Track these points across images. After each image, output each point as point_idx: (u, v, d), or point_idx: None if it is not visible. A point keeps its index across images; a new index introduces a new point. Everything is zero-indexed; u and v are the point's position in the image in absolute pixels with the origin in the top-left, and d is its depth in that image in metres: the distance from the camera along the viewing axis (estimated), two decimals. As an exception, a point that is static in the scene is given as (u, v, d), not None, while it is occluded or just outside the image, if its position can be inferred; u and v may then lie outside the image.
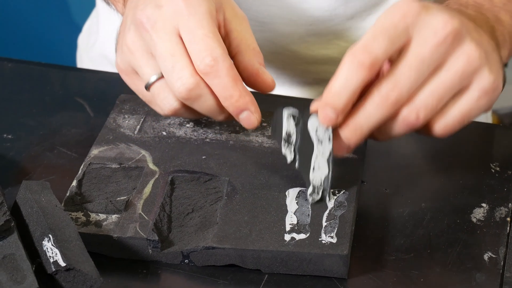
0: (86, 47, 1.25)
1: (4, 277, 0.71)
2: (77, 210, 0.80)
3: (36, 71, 1.04)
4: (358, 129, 0.77)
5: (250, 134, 0.89)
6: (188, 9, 0.81)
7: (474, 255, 0.79)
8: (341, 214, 0.79)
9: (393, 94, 0.76)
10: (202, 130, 0.89)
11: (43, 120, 0.94)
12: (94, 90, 1.00)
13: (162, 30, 0.81)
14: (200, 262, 0.77)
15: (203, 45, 0.79)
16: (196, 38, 0.79)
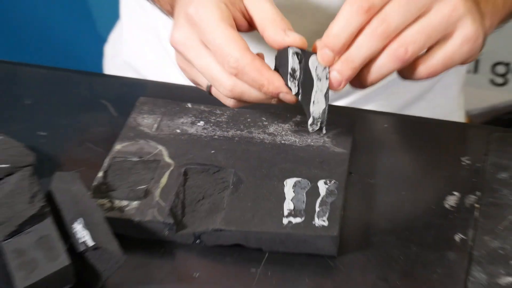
0: (111, 55, 1.25)
1: (41, 255, 0.71)
2: (103, 197, 0.80)
3: (66, 77, 1.04)
4: (350, 61, 0.76)
5: (253, 132, 0.89)
6: (201, 22, 0.79)
7: (447, 236, 0.79)
8: (331, 201, 0.79)
9: (381, 26, 0.75)
10: (211, 128, 0.90)
11: (73, 119, 0.94)
12: (117, 94, 1.00)
13: (191, 48, 0.80)
14: (209, 242, 0.77)
15: (223, 52, 0.78)
16: (215, 48, 0.78)
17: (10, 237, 0.74)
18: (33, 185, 0.77)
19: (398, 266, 0.76)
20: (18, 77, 1.04)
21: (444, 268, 0.76)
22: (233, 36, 0.78)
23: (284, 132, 0.89)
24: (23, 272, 0.71)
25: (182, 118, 0.91)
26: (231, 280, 0.75)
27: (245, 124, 0.90)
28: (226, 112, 0.92)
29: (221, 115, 0.92)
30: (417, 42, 0.76)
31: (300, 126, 0.89)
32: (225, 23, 0.78)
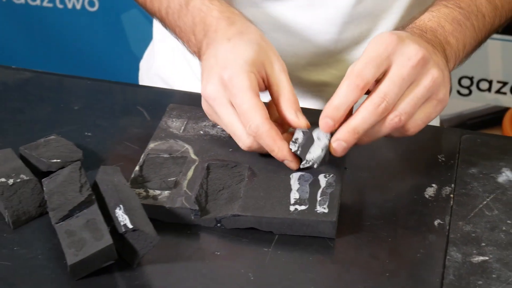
0: (146, 70, 1.24)
1: (88, 235, 0.71)
2: (139, 187, 0.79)
3: (108, 87, 1.03)
4: (355, 132, 0.77)
5: None
6: (233, 88, 0.80)
7: (427, 221, 0.78)
8: (330, 191, 0.78)
9: (383, 104, 0.77)
10: None
11: (113, 122, 0.93)
12: (150, 101, 0.98)
13: (221, 105, 0.81)
14: (228, 226, 0.76)
15: (247, 117, 0.79)
16: (242, 111, 0.79)
17: (62, 220, 0.73)
18: (82, 177, 0.77)
19: (386, 246, 0.75)
20: (67, 87, 1.03)
21: (425, 248, 0.75)
22: (257, 104, 0.79)
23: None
24: (73, 250, 0.70)
25: (204, 121, 0.90)
26: (247, 257, 0.74)
27: None
28: None
29: None
30: (408, 111, 0.78)
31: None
32: (252, 92, 0.80)
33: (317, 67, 1.05)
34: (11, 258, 0.72)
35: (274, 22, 1.01)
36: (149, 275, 0.71)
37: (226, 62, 0.82)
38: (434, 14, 0.88)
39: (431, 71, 0.79)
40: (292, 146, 0.80)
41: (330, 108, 0.78)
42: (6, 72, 1.03)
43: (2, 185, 0.77)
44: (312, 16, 1.00)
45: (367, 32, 1.03)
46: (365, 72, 0.77)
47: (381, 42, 0.79)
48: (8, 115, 0.94)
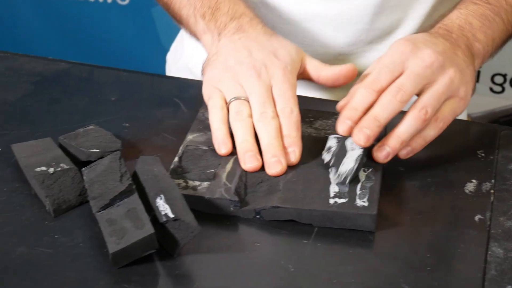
0: (173, 62, 1.24)
1: (129, 224, 0.71)
2: (179, 178, 0.79)
3: (143, 78, 1.03)
4: (376, 119, 0.79)
5: (301, 126, 0.88)
6: (284, 77, 0.85)
7: (468, 217, 0.78)
8: (370, 185, 0.78)
9: (399, 93, 0.80)
10: None
11: (151, 113, 0.94)
12: (186, 93, 0.99)
13: (262, 84, 0.84)
14: (267, 217, 0.77)
15: (286, 101, 0.83)
16: (282, 96, 0.84)
17: (103, 209, 0.74)
18: (122, 166, 0.77)
19: (426, 241, 0.75)
20: (103, 78, 1.04)
21: (466, 244, 0.75)
22: (294, 94, 0.86)
23: (327, 127, 0.88)
24: (114, 238, 0.70)
25: None
26: (287, 249, 0.74)
27: None
28: None
29: None
30: (431, 103, 0.81)
31: None
32: (294, 84, 0.87)
33: (348, 57, 1.05)
34: (52, 245, 0.73)
35: (305, 12, 1.02)
36: (189, 265, 0.71)
37: (276, 50, 0.87)
38: (462, 11, 0.91)
39: (447, 71, 0.82)
40: (326, 156, 0.81)
41: (348, 109, 0.80)
42: (43, 63, 1.04)
43: (42, 173, 0.78)
44: (344, 6, 1.01)
45: (398, 22, 1.04)
46: (380, 77, 0.81)
47: (397, 49, 0.83)
48: (46, 105, 0.95)
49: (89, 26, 2.04)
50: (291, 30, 1.04)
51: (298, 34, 1.04)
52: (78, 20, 2.04)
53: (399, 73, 0.81)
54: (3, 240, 0.73)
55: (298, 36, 1.04)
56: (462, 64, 0.84)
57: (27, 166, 0.80)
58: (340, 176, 0.79)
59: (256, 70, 0.85)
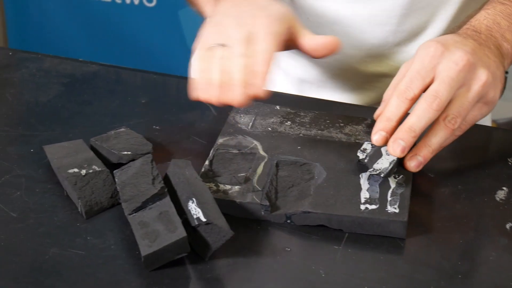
0: None
1: (161, 227, 0.72)
2: (210, 181, 0.80)
3: (173, 81, 1.04)
4: (412, 130, 0.79)
5: (331, 132, 0.88)
6: (268, 26, 0.83)
7: (499, 224, 0.78)
8: (401, 192, 0.78)
9: (436, 101, 0.79)
10: (296, 127, 0.89)
11: (181, 116, 0.94)
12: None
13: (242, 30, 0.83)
14: (298, 222, 0.77)
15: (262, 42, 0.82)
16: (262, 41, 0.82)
17: (135, 211, 0.74)
18: (153, 169, 0.78)
19: (458, 248, 0.75)
20: (133, 81, 1.04)
21: (497, 251, 0.74)
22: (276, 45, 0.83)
23: (357, 133, 0.88)
24: (146, 241, 0.71)
25: (272, 118, 0.90)
26: (318, 254, 0.74)
27: (324, 125, 0.89)
28: (309, 114, 0.91)
29: (305, 116, 0.91)
30: (462, 115, 0.80)
31: (371, 128, 0.88)
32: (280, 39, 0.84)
33: (375, 59, 1.05)
34: (84, 247, 0.73)
35: (334, 14, 1.02)
36: (220, 269, 0.71)
37: (266, 7, 0.85)
38: (490, 12, 0.90)
39: (479, 75, 0.81)
40: (360, 154, 0.81)
41: (382, 121, 0.80)
42: (73, 64, 1.05)
43: (75, 175, 0.79)
44: (372, 8, 1.01)
45: (425, 24, 1.04)
46: (412, 85, 0.80)
47: (427, 53, 0.81)
48: (77, 107, 0.96)
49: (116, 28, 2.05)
50: (319, 32, 1.03)
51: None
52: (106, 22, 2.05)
53: (431, 79, 0.80)
54: (37, 241, 0.74)
55: None
56: (493, 65, 0.83)
57: (60, 168, 0.80)
58: (375, 171, 0.79)
59: (239, 20, 0.85)
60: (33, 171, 0.83)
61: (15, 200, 0.79)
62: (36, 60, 1.05)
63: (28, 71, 1.03)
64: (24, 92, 0.99)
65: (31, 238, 0.74)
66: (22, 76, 1.02)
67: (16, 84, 1.01)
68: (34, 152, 0.86)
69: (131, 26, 2.04)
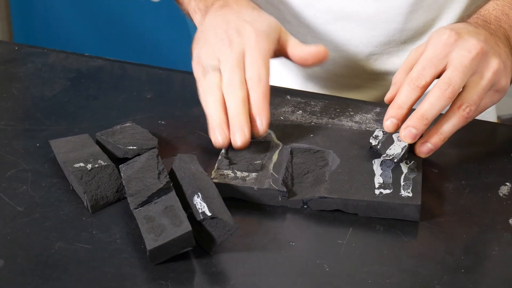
0: None
1: (167, 221, 0.72)
2: (227, 169, 0.81)
3: (179, 76, 1.04)
4: (424, 117, 0.80)
5: (342, 120, 0.90)
6: (256, 44, 0.86)
7: (502, 219, 0.78)
8: (413, 177, 0.80)
9: (449, 88, 0.79)
10: (308, 116, 0.90)
11: (186, 111, 0.94)
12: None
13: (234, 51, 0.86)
14: (314, 207, 0.78)
15: (255, 68, 0.84)
16: (252, 64, 0.85)
17: (141, 206, 0.75)
18: (159, 164, 0.78)
19: (461, 243, 0.75)
20: (139, 76, 1.04)
21: (501, 247, 0.75)
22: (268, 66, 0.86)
23: (367, 121, 0.90)
24: (152, 235, 0.71)
25: (283, 107, 0.92)
26: (322, 249, 0.74)
27: (335, 113, 0.91)
28: (319, 104, 0.93)
29: (315, 105, 0.92)
30: (476, 102, 0.81)
31: (380, 116, 0.90)
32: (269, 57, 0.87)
33: (381, 56, 1.06)
34: (90, 241, 0.74)
35: (340, 11, 1.02)
36: (225, 263, 0.72)
37: (253, 19, 0.87)
38: (498, 3, 0.91)
39: (491, 62, 0.81)
40: (373, 141, 0.83)
41: (393, 108, 0.81)
42: (79, 59, 1.05)
43: (81, 169, 0.79)
44: (379, 5, 1.01)
45: (432, 22, 1.04)
46: (425, 73, 0.80)
47: (440, 40, 0.82)
48: (83, 101, 0.96)
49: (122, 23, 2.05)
50: (326, 29, 1.04)
51: (331, 33, 1.04)
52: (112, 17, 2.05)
53: (444, 66, 0.81)
54: (43, 235, 0.74)
55: (331, 35, 1.04)
56: (503, 54, 0.84)
57: (66, 162, 0.81)
58: (388, 156, 0.81)
59: (229, 38, 0.87)
60: (39, 165, 0.84)
61: (21, 194, 0.79)
62: (41, 55, 1.06)
63: (33, 66, 1.03)
64: (29, 87, 0.99)
65: (37, 232, 0.74)
66: (27, 70, 1.03)
67: (22, 79, 1.01)
68: (40, 146, 0.87)
69: (136, 21, 2.04)
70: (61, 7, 2.09)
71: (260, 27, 0.87)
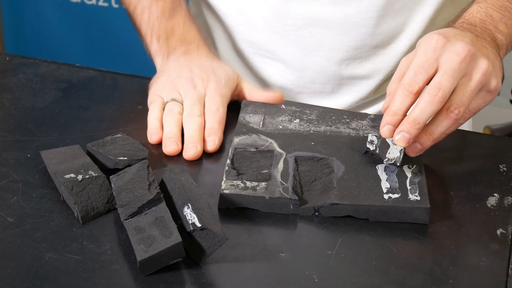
0: None
1: (157, 232, 0.73)
2: (236, 179, 0.81)
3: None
4: (416, 122, 0.81)
5: (339, 127, 0.91)
6: (216, 89, 0.95)
7: (490, 230, 0.79)
8: (418, 180, 0.82)
9: (439, 93, 0.80)
10: (305, 125, 0.91)
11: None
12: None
13: (197, 92, 0.95)
14: (326, 214, 0.79)
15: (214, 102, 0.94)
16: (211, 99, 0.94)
17: (131, 217, 0.75)
18: (149, 175, 0.78)
19: (449, 253, 0.76)
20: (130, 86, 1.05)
21: (488, 257, 0.75)
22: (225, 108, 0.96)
23: (364, 127, 0.91)
24: (142, 246, 0.72)
25: (280, 116, 0.92)
26: (311, 259, 0.75)
27: (331, 121, 0.92)
28: (314, 112, 0.94)
29: (311, 114, 0.93)
30: (465, 104, 0.82)
31: (375, 122, 0.91)
32: (227, 99, 0.96)
33: (353, 61, 1.07)
34: (81, 252, 0.74)
35: (310, 17, 1.04)
36: (215, 274, 0.72)
37: (214, 68, 0.97)
38: (482, 5, 0.93)
39: (480, 64, 0.83)
40: (370, 146, 0.84)
41: (388, 115, 0.82)
42: (70, 70, 1.06)
43: (71, 180, 0.79)
44: (348, 10, 1.02)
45: (402, 26, 1.05)
46: (417, 79, 0.82)
47: (429, 46, 0.83)
48: (73, 112, 0.96)
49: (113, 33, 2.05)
50: (297, 35, 1.05)
51: (304, 39, 1.05)
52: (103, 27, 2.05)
53: (434, 70, 0.82)
54: (33, 245, 0.74)
55: (304, 41, 1.05)
56: (492, 55, 0.86)
57: (56, 173, 0.81)
58: (389, 160, 0.82)
59: (193, 82, 0.95)
60: (30, 176, 0.84)
61: (12, 205, 0.80)
62: (33, 66, 1.06)
63: (25, 77, 1.04)
64: (21, 98, 0.99)
65: (28, 243, 0.75)
66: (19, 81, 1.03)
67: (13, 90, 1.01)
68: (31, 157, 0.87)
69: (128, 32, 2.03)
70: (53, 18, 2.09)
71: (220, 76, 0.96)
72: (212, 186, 0.83)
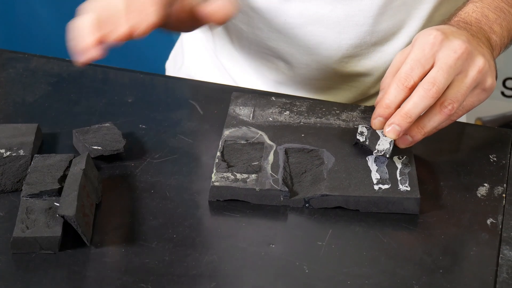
0: (173, 70, 1.26)
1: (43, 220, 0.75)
2: (226, 171, 0.81)
3: (160, 80, 1.04)
4: (408, 116, 0.81)
5: (329, 119, 0.91)
6: None
7: (480, 220, 0.79)
8: (408, 171, 0.82)
9: (433, 88, 0.80)
10: (295, 117, 0.91)
11: (167, 115, 0.95)
12: (201, 95, 1.00)
13: None
14: (316, 205, 0.80)
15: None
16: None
17: (30, 197, 0.77)
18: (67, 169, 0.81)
19: (439, 243, 0.76)
20: (120, 80, 1.04)
21: (478, 246, 0.76)
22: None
23: (354, 119, 0.91)
24: (24, 226, 0.74)
25: (270, 109, 0.92)
26: (302, 250, 0.75)
27: (321, 112, 0.92)
28: (304, 104, 0.94)
29: (301, 105, 0.93)
30: (459, 100, 0.82)
31: (365, 114, 0.92)
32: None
33: (352, 59, 1.06)
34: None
35: (310, 16, 1.03)
36: (206, 265, 0.72)
37: None
38: (478, 5, 0.92)
39: (476, 61, 0.83)
40: (360, 137, 0.84)
41: (381, 107, 0.82)
42: (60, 64, 1.05)
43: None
44: (348, 9, 1.02)
45: (401, 23, 1.05)
46: (413, 73, 0.82)
47: (427, 41, 0.83)
48: (64, 106, 0.96)
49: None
50: (297, 34, 1.05)
51: (303, 38, 1.05)
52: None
53: (430, 66, 0.82)
54: None
55: (303, 40, 1.05)
56: (487, 54, 0.86)
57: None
58: (379, 152, 0.83)
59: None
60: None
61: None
62: (22, 60, 1.06)
63: (15, 71, 1.03)
64: (11, 92, 0.99)
65: None
66: (9, 75, 1.03)
67: (3, 84, 1.01)
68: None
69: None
70: (42, 12, 2.08)
71: None
72: (202, 179, 0.83)
